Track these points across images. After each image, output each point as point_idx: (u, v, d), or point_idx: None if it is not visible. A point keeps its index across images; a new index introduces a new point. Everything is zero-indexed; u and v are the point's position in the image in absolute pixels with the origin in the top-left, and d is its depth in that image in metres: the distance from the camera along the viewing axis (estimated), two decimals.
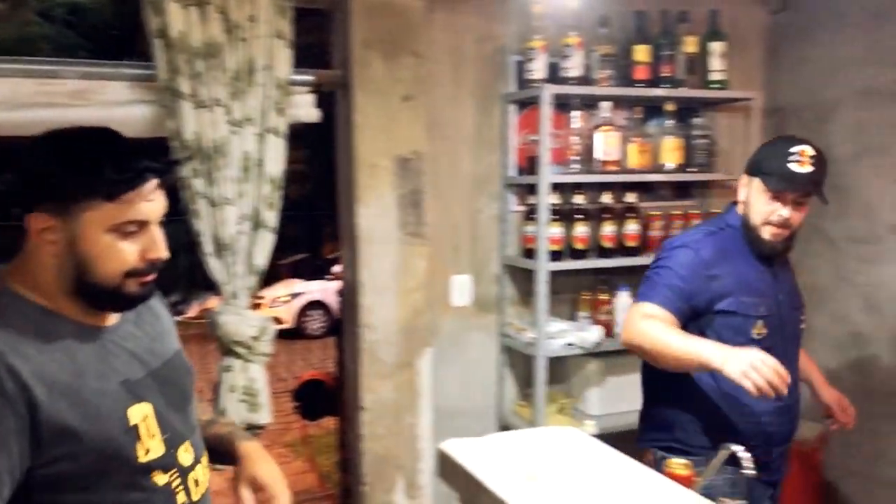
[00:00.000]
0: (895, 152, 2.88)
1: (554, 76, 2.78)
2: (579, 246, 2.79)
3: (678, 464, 1.76)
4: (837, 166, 3.10)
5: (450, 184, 2.83)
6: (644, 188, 3.07)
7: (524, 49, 2.81)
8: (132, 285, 1.16)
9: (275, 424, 4.00)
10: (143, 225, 1.14)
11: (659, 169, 2.90)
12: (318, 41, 2.96)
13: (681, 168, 2.93)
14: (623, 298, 2.89)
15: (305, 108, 2.54)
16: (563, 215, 2.78)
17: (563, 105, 2.78)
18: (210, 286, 2.46)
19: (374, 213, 2.62)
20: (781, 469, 2.13)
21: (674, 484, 1.40)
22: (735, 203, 2.08)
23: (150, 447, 1.16)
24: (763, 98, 3.14)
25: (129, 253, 1.13)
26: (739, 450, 1.61)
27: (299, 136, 2.53)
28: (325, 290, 10.17)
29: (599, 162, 2.78)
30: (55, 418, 1.06)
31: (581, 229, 2.79)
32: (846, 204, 3.08)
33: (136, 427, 1.15)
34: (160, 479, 1.18)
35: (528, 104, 2.86)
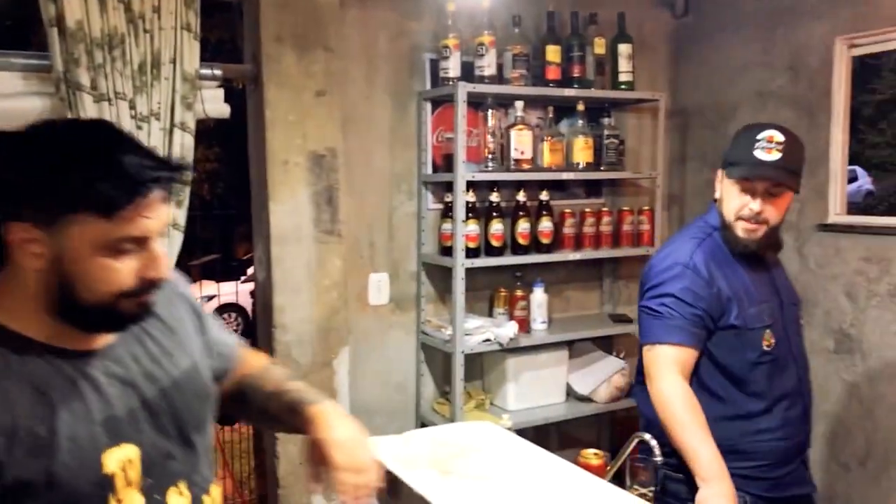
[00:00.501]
0: None
1: (468, 74, 2.80)
2: (495, 243, 2.82)
3: (590, 454, 1.80)
4: None
5: (365, 181, 2.81)
6: (557, 186, 3.13)
7: (438, 47, 2.82)
8: (127, 305, 0.99)
9: None
10: (141, 242, 0.97)
11: (571, 167, 2.97)
12: (230, 37, 2.88)
13: (591, 166, 3.01)
14: (538, 294, 2.95)
15: (215, 104, 2.47)
16: (479, 213, 2.80)
17: (477, 103, 2.80)
18: None
19: (288, 210, 2.57)
20: (806, 481, 1.87)
21: (587, 473, 1.43)
22: (715, 201, 1.89)
23: (124, 498, 0.99)
24: (668, 99, 3.25)
25: (123, 273, 0.96)
26: (648, 437, 1.66)
27: (212, 134, 2.46)
28: (239, 291, 9.91)
29: (514, 160, 2.82)
30: (13, 473, 0.92)
31: (497, 227, 2.82)
32: None
33: (110, 476, 0.98)
34: None
35: (442, 102, 2.87)
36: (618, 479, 1.73)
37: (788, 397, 1.79)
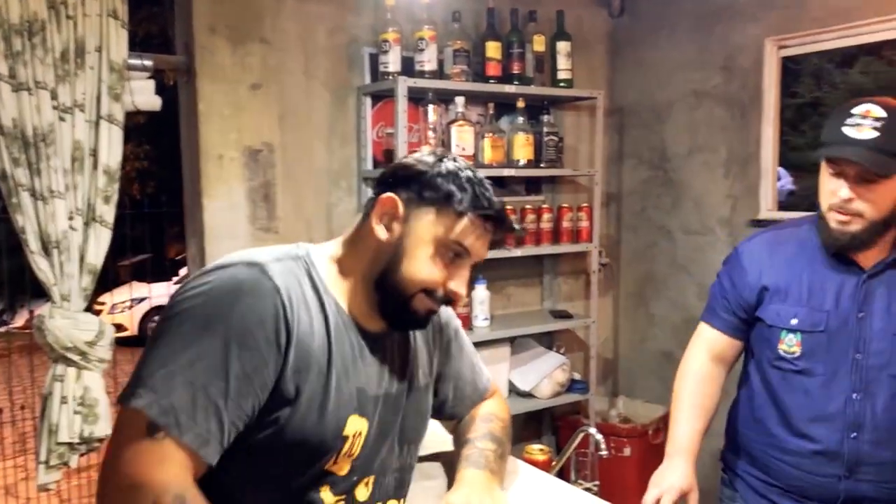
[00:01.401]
0: (722, 150, 3.12)
1: (408, 69, 2.76)
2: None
3: (535, 449, 1.79)
4: (673, 163, 3.33)
5: (303, 177, 2.74)
6: (497, 183, 3.13)
7: (378, 41, 2.77)
8: (420, 303, 1.10)
9: None
10: (463, 256, 1.10)
11: (512, 164, 2.96)
12: (159, 31, 2.78)
13: (532, 164, 3.01)
14: (480, 291, 2.94)
15: (145, 95, 2.37)
16: None
17: (417, 99, 2.77)
18: (41, 291, 2.23)
19: (222, 207, 2.49)
20: None
21: (533, 468, 1.42)
22: None
23: (340, 464, 1.08)
24: (606, 97, 3.29)
25: (436, 272, 1.09)
26: (594, 431, 1.67)
27: (142, 131, 2.35)
28: (170, 293, 9.60)
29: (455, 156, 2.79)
30: (290, 381, 1.01)
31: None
32: (680, 197, 3.30)
33: (345, 438, 1.07)
34: (327, 497, 1.08)
35: (382, 97, 2.83)
36: (563, 474, 1.72)
37: (828, 422, 1.53)
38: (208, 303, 0.97)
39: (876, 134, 1.41)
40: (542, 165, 3.05)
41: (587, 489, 1.70)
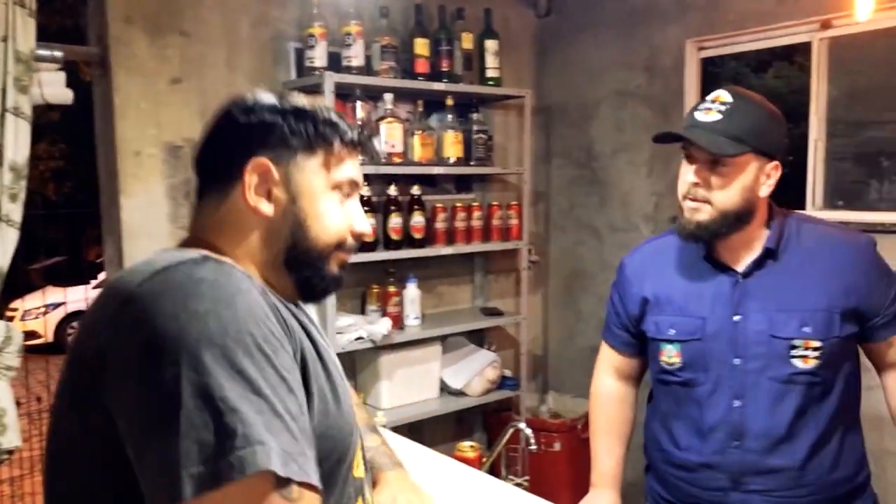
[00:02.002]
0: (646, 149, 3.18)
1: (335, 65, 2.72)
2: (367, 238, 2.75)
3: (466, 446, 1.78)
4: (599, 161, 3.39)
5: None
6: (427, 181, 3.11)
7: (303, 36, 2.72)
8: (336, 262, 0.98)
9: (32, 449, 3.53)
10: (354, 189, 1.00)
11: (442, 162, 2.96)
12: (74, 25, 2.65)
13: (462, 161, 3.01)
14: (411, 290, 2.92)
15: (55, 88, 2.25)
16: None
17: (344, 95, 2.73)
18: None
19: (141, 205, 2.39)
20: None
21: (464, 466, 1.41)
22: None
23: (357, 459, 0.98)
24: (533, 97, 3.32)
25: (346, 217, 0.97)
26: (523, 426, 1.67)
27: (56, 129, 2.23)
28: (88, 298, 9.20)
29: (385, 154, 2.77)
30: (302, 371, 0.86)
31: (368, 221, 2.75)
32: (607, 195, 3.36)
33: (357, 429, 0.98)
34: None
35: (309, 93, 2.76)
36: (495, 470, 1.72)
37: (711, 432, 1.47)
38: (220, 321, 0.75)
39: (719, 117, 1.38)
40: (471, 163, 3.06)
41: (518, 485, 1.70)
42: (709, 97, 1.42)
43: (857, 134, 2.65)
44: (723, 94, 1.41)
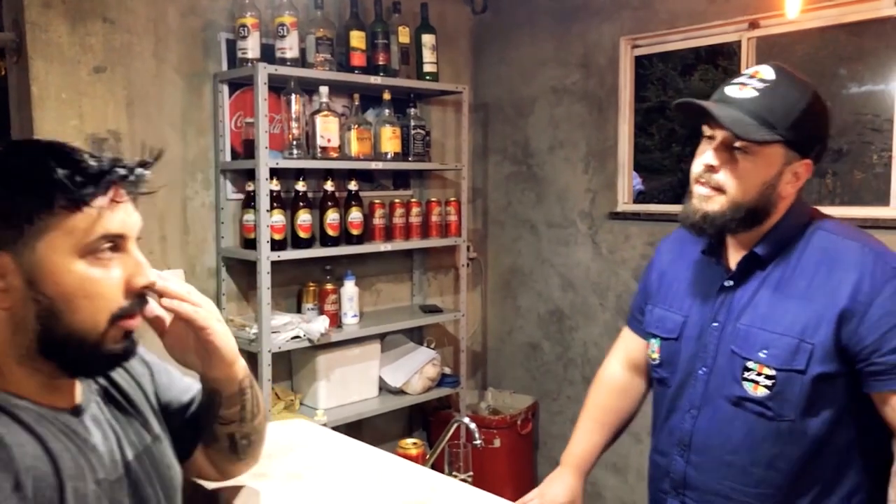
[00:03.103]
0: (582, 146, 3.22)
1: (268, 56, 2.64)
2: (303, 234, 2.69)
3: (409, 443, 1.75)
4: (536, 158, 3.40)
5: (155, 168, 2.53)
6: (365, 176, 3.06)
7: (235, 26, 2.63)
8: (116, 334, 0.85)
9: None
10: (119, 243, 0.85)
11: (380, 157, 2.91)
12: None
13: (399, 157, 2.97)
14: (349, 287, 2.86)
15: None
16: (285, 203, 2.66)
17: (278, 88, 2.65)
18: None
19: None
20: None
21: (408, 462, 1.37)
22: None
23: None
24: (470, 93, 3.31)
25: (108, 284, 0.83)
26: (467, 421, 1.64)
27: None
28: None
29: (320, 148, 2.70)
30: None
31: (304, 217, 2.69)
32: (544, 192, 3.38)
33: None
34: None
35: (241, 85, 2.69)
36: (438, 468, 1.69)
37: (667, 435, 1.41)
38: None
39: (754, 94, 1.20)
40: (410, 159, 3.02)
41: (462, 481, 1.67)
42: (748, 70, 1.24)
43: None
44: (763, 70, 1.22)
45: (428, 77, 3.06)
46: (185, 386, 1.11)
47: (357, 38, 2.83)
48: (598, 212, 3.17)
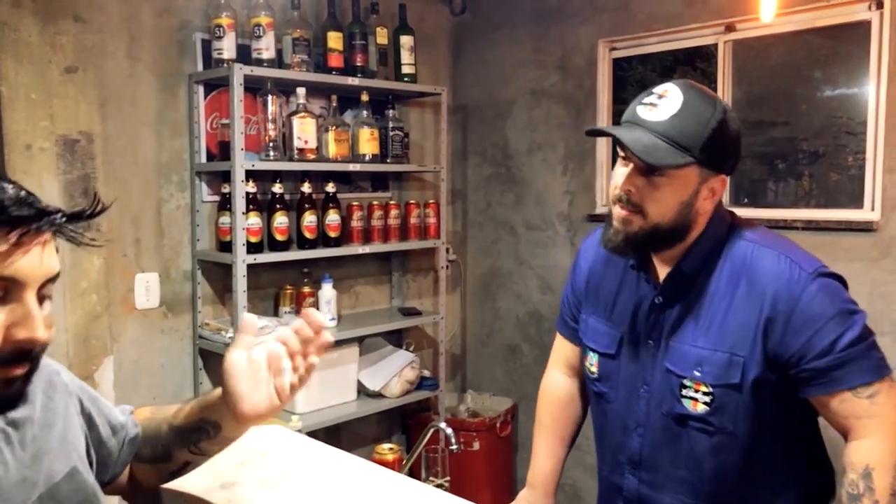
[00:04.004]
0: (560, 148, 3.22)
1: (244, 57, 2.61)
2: (280, 237, 2.67)
3: (385, 449, 1.74)
4: (515, 160, 3.40)
5: (129, 170, 2.51)
6: (342, 178, 3.04)
7: (210, 26, 2.60)
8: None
9: None
10: (11, 289, 0.77)
11: (357, 159, 2.89)
12: None
13: (378, 159, 2.96)
14: (327, 290, 2.84)
15: None
16: (261, 205, 2.63)
17: (255, 89, 2.63)
18: None
19: None
20: None
21: (383, 468, 1.36)
22: None
23: None
24: (449, 94, 3.30)
25: None
26: (444, 426, 1.63)
27: None
28: None
29: (297, 149, 2.68)
30: None
31: (281, 220, 2.66)
32: (523, 194, 3.37)
33: None
34: None
35: (217, 86, 2.66)
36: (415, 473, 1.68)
37: (616, 453, 1.41)
38: None
39: (664, 117, 1.19)
40: (388, 161, 3.01)
41: (439, 485, 1.66)
42: (656, 89, 1.23)
43: (760, 134, 2.76)
44: (671, 90, 1.21)
45: (406, 78, 3.04)
46: (111, 408, 1.08)
47: (334, 39, 2.81)
48: (577, 214, 3.18)
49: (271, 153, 2.64)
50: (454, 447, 1.62)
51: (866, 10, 2.38)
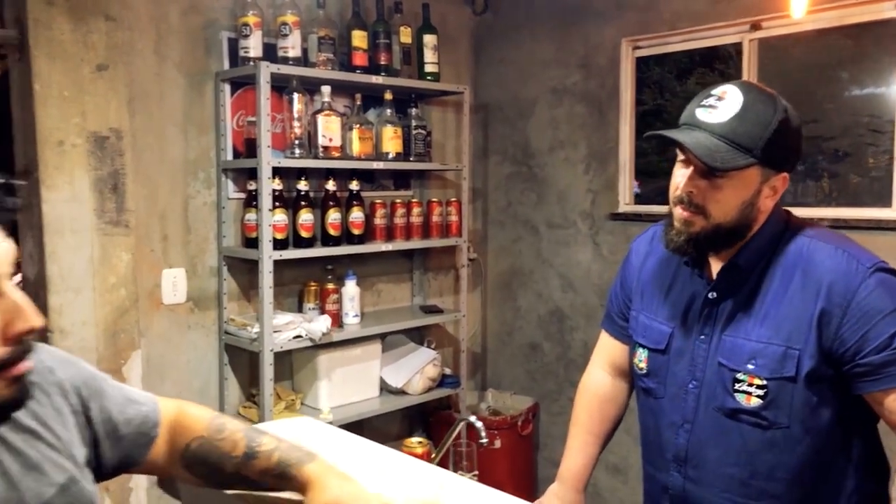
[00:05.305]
0: (582, 146, 3.22)
1: (270, 56, 2.64)
2: (304, 234, 2.69)
3: (414, 442, 1.75)
4: (537, 159, 3.40)
5: (157, 167, 2.54)
6: (365, 176, 3.06)
7: (237, 25, 2.63)
8: (0, 387, 0.78)
9: None
10: None
11: (381, 157, 2.91)
12: None
13: (401, 157, 2.97)
14: (350, 287, 2.86)
15: None
16: (287, 202, 2.65)
17: (279, 87, 2.65)
18: None
19: (64, 198, 2.25)
20: None
21: (417, 460, 1.37)
22: None
23: None
24: (470, 93, 3.31)
25: None
26: (474, 419, 1.64)
27: None
28: None
29: (322, 147, 2.70)
30: None
31: (306, 217, 2.68)
32: (544, 192, 3.38)
33: None
34: None
35: (243, 84, 2.69)
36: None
37: (662, 450, 1.39)
38: None
39: (724, 118, 1.19)
40: (411, 159, 3.02)
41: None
42: (715, 91, 1.23)
43: None
44: (731, 90, 1.21)
45: (429, 77, 3.06)
46: (122, 400, 1.07)
47: (359, 38, 2.83)
48: (599, 212, 3.17)
49: (296, 151, 2.66)
50: (483, 440, 1.62)
51: (893, 8, 2.37)
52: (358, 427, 2.97)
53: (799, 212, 1.36)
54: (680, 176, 1.25)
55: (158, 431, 1.08)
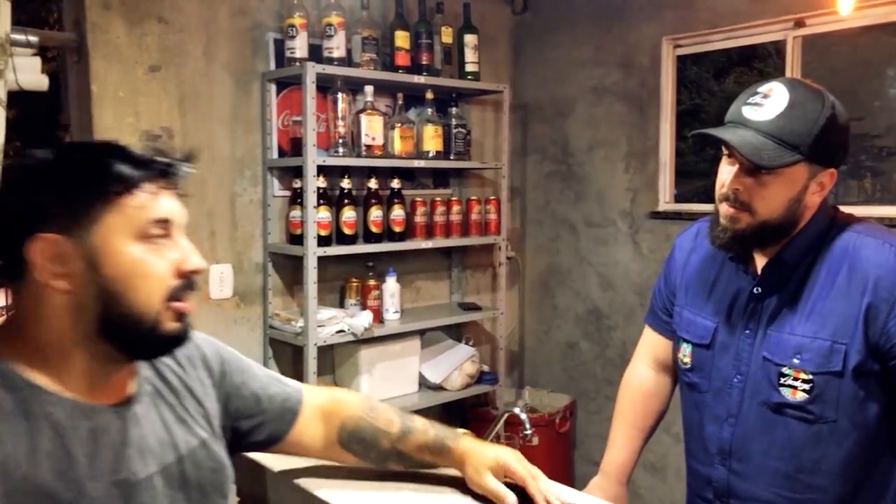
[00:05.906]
0: (622, 145, 3.22)
1: (315, 56, 2.69)
2: (347, 231, 2.74)
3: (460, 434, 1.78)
4: (576, 157, 3.41)
5: (205, 165, 2.61)
6: (405, 175, 3.10)
7: (283, 26, 2.69)
8: (169, 317, 0.90)
9: None
10: (167, 228, 0.90)
11: (422, 156, 2.95)
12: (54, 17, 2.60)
13: (441, 155, 3.01)
14: (391, 283, 2.90)
15: (30, 74, 2.19)
16: (331, 200, 2.70)
17: (323, 87, 2.70)
18: None
19: None
20: None
21: None
22: None
23: None
24: (510, 92, 3.34)
25: (161, 266, 0.89)
26: (518, 411, 1.67)
27: (10, 126, 2.16)
28: None
29: (365, 146, 2.75)
30: None
31: (349, 214, 2.74)
32: (583, 191, 3.39)
33: None
34: None
35: (289, 84, 2.75)
36: None
37: (706, 443, 1.40)
38: None
39: (771, 116, 1.19)
40: (451, 157, 3.06)
41: None
42: (761, 88, 1.23)
43: None
44: (777, 88, 1.21)
45: (470, 77, 3.09)
46: (269, 378, 1.18)
47: (401, 38, 2.88)
48: (639, 211, 3.18)
49: (340, 150, 2.71)
50: (528, 431, 1.65)
51: None
52: None
53: (845, 209, 1.36)
54: (726, 173, 1.26)
55: (301, 409, 1.16)
